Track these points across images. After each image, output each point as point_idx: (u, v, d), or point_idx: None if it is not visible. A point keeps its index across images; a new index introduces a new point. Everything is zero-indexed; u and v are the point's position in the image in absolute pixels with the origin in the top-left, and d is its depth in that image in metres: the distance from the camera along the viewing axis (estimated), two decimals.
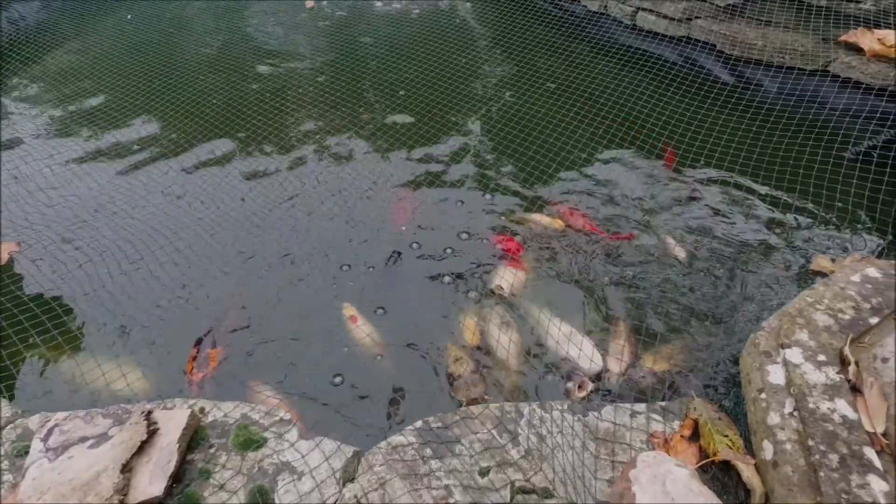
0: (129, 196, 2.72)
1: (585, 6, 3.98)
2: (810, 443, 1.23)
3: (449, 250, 2.34)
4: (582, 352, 1.91)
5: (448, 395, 1.85)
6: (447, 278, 2.22)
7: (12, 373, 1.90)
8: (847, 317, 1.50)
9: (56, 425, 1.44)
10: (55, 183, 2.80)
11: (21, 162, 2.95)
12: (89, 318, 2.13)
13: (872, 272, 1.63)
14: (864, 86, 2.81)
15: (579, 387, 1.80)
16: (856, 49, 2.90)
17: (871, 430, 1.25)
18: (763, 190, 2.55)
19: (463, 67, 3.64)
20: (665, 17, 3.52)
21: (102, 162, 2.96)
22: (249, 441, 1.49)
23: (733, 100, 2.98)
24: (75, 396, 1.85)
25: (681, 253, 2.28)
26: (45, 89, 3.65)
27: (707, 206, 2.52)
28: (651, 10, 3.58)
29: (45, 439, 1.41)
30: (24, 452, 1.44)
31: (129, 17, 4.55)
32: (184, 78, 3.69)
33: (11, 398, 1.79)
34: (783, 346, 1.44)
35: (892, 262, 1.67)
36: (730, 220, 2.44)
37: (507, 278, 2.19)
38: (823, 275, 2.04)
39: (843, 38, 2.95)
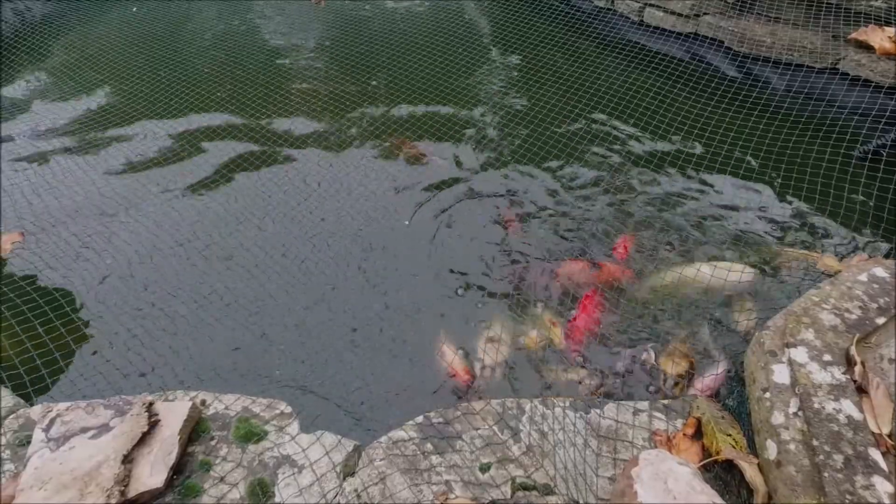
0: (133, 189, 2.72)
1: (592, 1, 3.95)
2: (815, 443, 1.22)
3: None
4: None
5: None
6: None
7: (15, 362, 1.90)
8: (853, 316, 1.48)
9: (58, 416, 1.44)
10: (59, 175, 2.80)
11: (23, 153, 2.95)
12: (93, 308, 2.13)
13: (879, 272, 1.61)
14: (873, 84, 2.78)
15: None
16: (865, 47, 2.87)
17: (876, 430, 1.24)
18: (770, 188, 2.53)
19: (466, 62, 3.62)
20: (673, 13, 3.49)
21: (104, 155, 2.96)
22: (250, 434, 1.48)
23: (741, 97, 2.96)
24: (77, 386, 1.86)
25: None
26: (50, 81, 3.65)
27: (713, 203, 2.50)
28: (659, 7, 3.55)
29: (46, 429, 1.41)
30: (26, 442, 1.44)
31: (133, 9, 4.55)
32: (188, 71, 3.68)
33: (14, 388, 1.79)
34: (788, 346, 1.43)
35: None
36: (736, 219, 2.42)
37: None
38: (830, 274, 2.03)
39: (852, 35, 2.92)
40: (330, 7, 4.50)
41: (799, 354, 1.40)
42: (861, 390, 1.32)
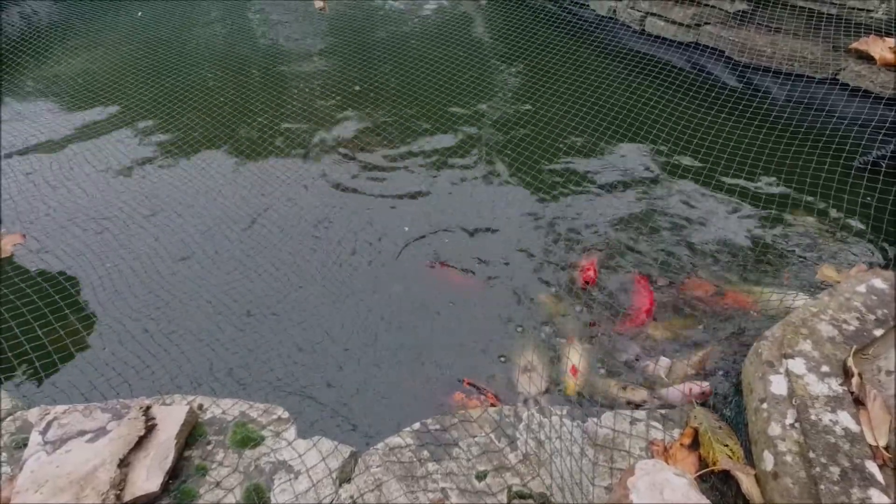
0: (135, 195, 2.73)
1: (594, 10, 3.97)
2: (811, 455, 1.22)
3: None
4: None
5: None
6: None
7: (13, 364, 1.90)
8: (851, 328, 1.48)
9: (55, 418, 1.44)
10: (65, 181, 2.81)
11: (32, 158, 2.97)
12: (93, 310, 2.14)
13: (878, 283, 1.61)
14: (873, 95, 2.78)
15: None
16: (866, 58, 2.88)
17: (873, 443, 1.24)
18: (769, 198, 2.53)
19: (470, 71, 3.63)
20: (674, 22, 3.50)
21: (110, 159, 2.97)
22: (247, 439, 1.48)
23: (741, 107, 2.96)
24: (75, 389, 1.86)
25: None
26: (56, 86, 3.67)
27: (712, 214, 2.50)
28: (660, 16, 3.57)
29: (43, 432, 1.41)
30: (23, 445, 1.45)
31: (139, 14, 4.58)
32: (192, 76, 3.70)
33: (12, 390, 1.79)
34: (786, 356, 1.42)
35: None
36: (735, 229, 2.42)
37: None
38: (828, 285, 2.02)
39: (853, 46, 2.93)
40: (334, 11, 4.53)
41: (796, 365, 1.40)
42: (858, 402, 1.32)
